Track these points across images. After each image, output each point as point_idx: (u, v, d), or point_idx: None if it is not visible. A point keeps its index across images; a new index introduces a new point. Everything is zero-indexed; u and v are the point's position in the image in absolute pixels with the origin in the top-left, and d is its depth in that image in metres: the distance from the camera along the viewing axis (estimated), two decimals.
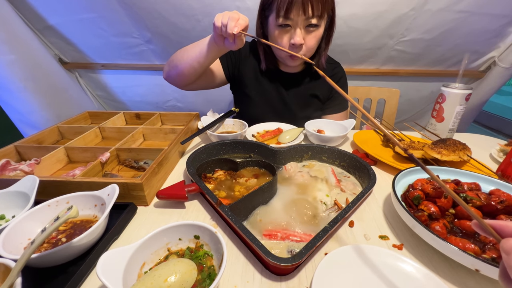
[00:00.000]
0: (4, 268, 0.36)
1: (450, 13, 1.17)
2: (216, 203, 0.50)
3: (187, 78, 0.86)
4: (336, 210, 0.55)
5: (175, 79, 0.88)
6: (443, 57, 1.40)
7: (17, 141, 0.74)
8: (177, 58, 0.84)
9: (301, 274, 0.42)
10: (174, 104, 1.71)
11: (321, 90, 1.01)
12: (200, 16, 1.23)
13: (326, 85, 1.02)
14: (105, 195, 0.50)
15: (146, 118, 0.98)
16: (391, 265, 0.42)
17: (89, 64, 1.54)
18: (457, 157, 0.69)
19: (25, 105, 1.31)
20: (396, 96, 1.32)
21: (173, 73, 0.86)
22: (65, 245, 0.40)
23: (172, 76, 0.88)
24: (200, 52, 0.79)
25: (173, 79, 0.89)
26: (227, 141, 0.75)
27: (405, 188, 0.57)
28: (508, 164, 0.66)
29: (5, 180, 0.56)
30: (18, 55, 1.20)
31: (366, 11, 1.19)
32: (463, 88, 0.82)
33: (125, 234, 0.51)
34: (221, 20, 0.67)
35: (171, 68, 0.87)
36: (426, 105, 1.63)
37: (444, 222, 0.47)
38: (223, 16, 0.67)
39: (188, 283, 0.35)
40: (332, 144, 0.82)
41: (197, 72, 0.84)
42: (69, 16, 1.28)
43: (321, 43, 0.90)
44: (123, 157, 0.75)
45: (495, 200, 0.48)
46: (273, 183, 0.58)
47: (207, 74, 0.94)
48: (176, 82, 0.90)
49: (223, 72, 0.98)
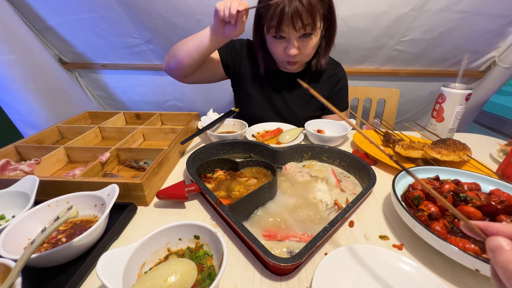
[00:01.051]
0: (4, 268, 0.35)
1: (450, 13, 1.17)
2: (216, 203, 0.50)
3: (185, 69, 0.87)
4: (336, 210, 0.55)
5: (174, 70, 0.89)
6: (443, 57, 1.41)
7: (17, 141, 0.74)
8: (177, 49, 0.85)
9: (301, 274, 0.42)
10: (174, 104, 1.71)
11: (321, 90, 1.01)
12: (199, 16, 1.23)
13: (326, 85, 1.02)
14: (105, 195, 0.50)
15: (146, 118, 0.98)
16: (391, 265, 0.42)
17: (89, 64, 1.54)
18: (457, 157, 0.69)
19: (25, 105, 1.31)
20: (396, 96, 1.32)
21: (172, 63, 0.87)
22: (65, 245, 0.40)
23: (171, 67, 0.89)
24: (199, 42, 0.80)
25: (172, 70, 0.90)
26: (227, 141, 0.75)
27: (405, 188, 0.57)
28: (508, 164, 0.66)
29: (5, 180, 0.56)
30: (18, 55, 1.20)
31: (367, 11, 1.19)
32: (463, 88, 0.82)
33: (125, 234, 0.51)
34: (223, 4, 0.69)
35: (170, 58, 0.88)
36: (426, 105, 1.63)
37: (444, 222, 0.47)
38: (225, 1, 0.69)
39: (188, 283, 0.35)
40: (332, 144, 0.82)
41: (195, 62, 0.85)
42: (69, 16, 1.28)
43: (321, 43, 0.90)
44: (123, 157, 0.75)
45: (495, 200, 0.48)
46: (273, 183, 0.58)
47: (206, 66, 0.94)
48: (175, 73, 0.91)
49: (222, 66, 0.98)
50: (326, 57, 0.93)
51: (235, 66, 1.00)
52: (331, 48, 0.92)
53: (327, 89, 1.01)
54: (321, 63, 0.93)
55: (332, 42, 0.91)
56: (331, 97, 1.03)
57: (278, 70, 0.99)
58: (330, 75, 1.01)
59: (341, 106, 1.05)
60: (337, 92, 1.03)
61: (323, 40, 0.90)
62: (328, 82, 1.02)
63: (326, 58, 0.94)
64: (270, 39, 0.84)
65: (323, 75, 1.01)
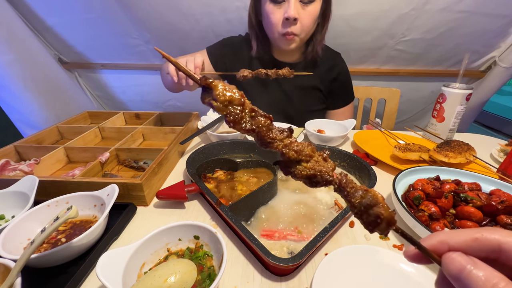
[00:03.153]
0: (4, 268, 0.35)
1: (450, 13, 1.17)
2: (216, 203, 0.50)
3: (176, 91, 0.94)
4: (336, 210, 0.54)
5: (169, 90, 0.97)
6: (444, 57, 1.40)
7: (17, 141, 0.74)
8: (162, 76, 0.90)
9: (301, 275, 0.42)
10: (174, 104, 1.71)
11: (322, 82, 0.97)
12: (199, 16, 1.23)
13: (326, 77, 0.98)
14: (104, 195, 0.50)
15: (145, 118, 0.98)
16: (392, 265, 0.42)
17: (88, 64, 1.54)
18: (463, 158, 0.69)
19: (24, 105, 1.30)
20: (396, 96, 1.32)
21: (165, 85, 0.96)
22: (64, 245, 0.40)
23: (165, 87, 0.97)
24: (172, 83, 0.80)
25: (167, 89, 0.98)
26: (227, 141, 0.75)
27: (406, 188, 0.57)
28: (509, 164, 0.66)
29: (5, 180, 0.56)
30: (18, 55, 1.20)
31: (367, 11, 1.19)
32: (464, 88, 0.82)
33: (125, 234, 0.51)
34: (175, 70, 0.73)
35: (162, 79, 0.94)
36: (427, 105, 1.62)
37: (444, 222, 0.47)
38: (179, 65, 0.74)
39: (188, 283, 0.35)
40: (332, 144, 0.82)
41: (180, 90, 0.88)
42: (69, 16, 1.28)
43: (316, 27, 0.87)
44: (122, 157, 0.74)
45: (496, 200, 0.48)
46: (273, 183, 0.58)
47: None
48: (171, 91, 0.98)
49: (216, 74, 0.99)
50: (321, 43, 0.90)
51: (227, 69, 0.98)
52: (325, 33, 0.89)
53: (327, 82, 0.98)
54: (316, 50, 0.90)
55: (326, 28, 0.88)
56: (333, 91, 1.00)
57: (272, 58, 0.95)
58: (329, 66, 0.98)
59: (346, 99, 1.02)
60: (339, 85, 1.00)
61: (318, 26, 0.87)
62: (327, 74, 0.98)
63: (321, 44, 0.90)
64: (267, 7, 0.79)
65: (321, 67, 0.97)
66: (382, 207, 0.23)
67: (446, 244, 0.21)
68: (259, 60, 0.95)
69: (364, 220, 0.24)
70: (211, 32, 1.28)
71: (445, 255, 0.20)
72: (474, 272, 0.18)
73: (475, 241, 0.20)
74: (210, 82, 0.25)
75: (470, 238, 0.20)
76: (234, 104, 0.26)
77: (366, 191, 0.25)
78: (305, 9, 0.77)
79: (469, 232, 0.21)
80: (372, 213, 0.23)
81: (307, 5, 0.77)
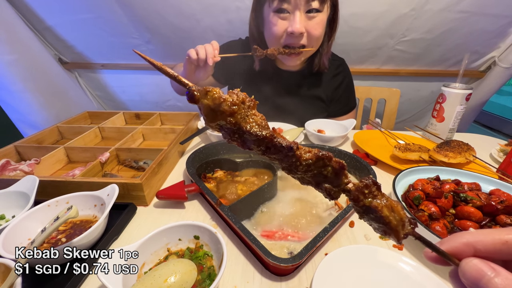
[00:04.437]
0: (4, 268, 0.35)
1: (450, 13, 1.17)
2: (216, 203, 0.50)
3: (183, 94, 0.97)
4: (336, 210, 0.54)
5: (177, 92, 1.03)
6: (444, 57, 1.40)
7: (17, 141, 0.74)
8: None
9: (301, 275, 0.42)
10: (174, 104, 1.71)
11: (324, 91, 0.97)
12: (199, 16, 1.23)
13: (329, 85, 0.97)
14: (104, 195, 0.50)
15: (145, 118, 0.98)
16: (392, 265, 0.42)
17: (88, 64, 1.54)
18: (463, 158, 0.69)
19: (24, 105, 1.31)
20: (396, 96, 1.32)
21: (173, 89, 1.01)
22: (65, 245, 0.40)
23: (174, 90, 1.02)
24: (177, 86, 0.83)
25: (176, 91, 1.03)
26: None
27: (406, 188, 0.57)
28: (508, 164, 0.66)
29: (5, 180, 0.56)
30: (18, 55, 1.20)
31: (367, 11, 1.19)
32: (464, 88, 0.82)
33: (125, 234, 0.51)
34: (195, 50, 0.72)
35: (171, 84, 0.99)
36: (427, 105, 1.63)
37: (444, 222, 0.47)
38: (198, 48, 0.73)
39: (188, 283, 0.35)
40: (332, 144, 0.82)
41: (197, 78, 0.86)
42: (69, 17, 1.28)
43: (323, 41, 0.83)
44: (122, 157, 0.74)
45: (495, 200, 0.48)
46: (273, 183, 0.58)
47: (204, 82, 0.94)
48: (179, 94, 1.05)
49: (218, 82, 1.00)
50: (328, 54, 0.87)
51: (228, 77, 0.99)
52: (331, 45, 0.87)
53: (330, 90, 0.97)
54: (323, 62, 0.86)
55: (333, 38, 0.84)
56: (336, 97, 0.99)
57: (275, 67, 0.93)
58: (334, 73, 0.96)
59: (348, 105, 1.01)
60: (342, 92, 0.99)
61: (324, 36, 0.82)
62: (331, 82, 0.97)
63: (328, 56, 0.88)
64: (271, 18, 0.74)
65: (325, 74, 0.95)
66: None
67: (471, 247, 0.19)
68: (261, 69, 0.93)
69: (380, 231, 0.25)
70: (211, 32, 1.28)
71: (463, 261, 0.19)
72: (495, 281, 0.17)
73: (505, 244, 0.18)
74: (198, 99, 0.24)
75: (499, 241, 0.18)
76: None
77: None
78: (311, 20, 0.73)
79: (497, 233, 0.19)
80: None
81: (313, 16, 0.73)
